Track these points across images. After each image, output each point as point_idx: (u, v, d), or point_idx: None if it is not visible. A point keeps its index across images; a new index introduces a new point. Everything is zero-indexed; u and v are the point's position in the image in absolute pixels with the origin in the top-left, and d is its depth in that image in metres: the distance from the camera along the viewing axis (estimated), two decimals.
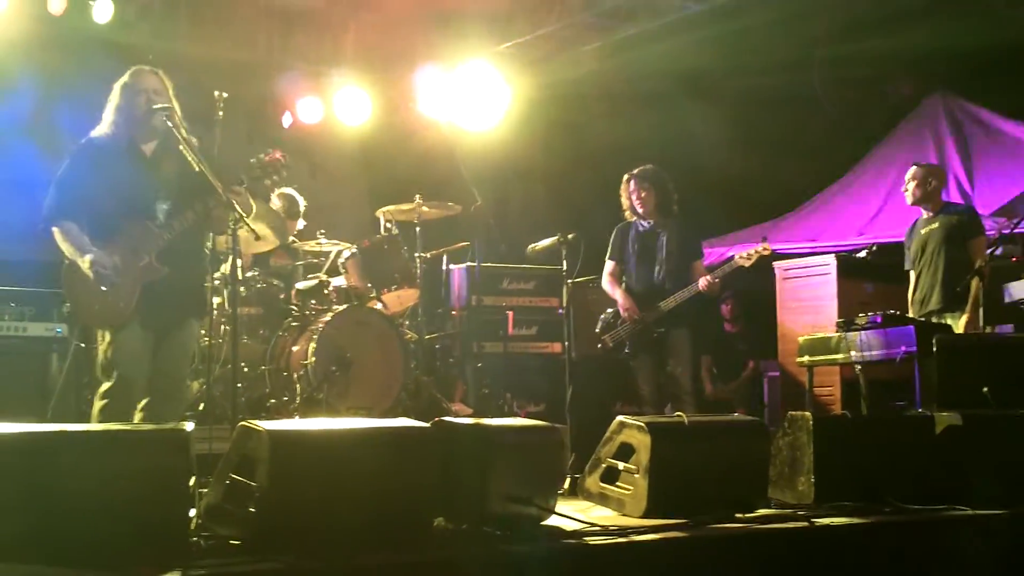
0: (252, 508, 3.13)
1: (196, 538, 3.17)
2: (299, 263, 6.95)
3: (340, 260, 6.85)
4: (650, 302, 6.26)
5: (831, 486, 4.21)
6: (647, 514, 3.88)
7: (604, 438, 4.26)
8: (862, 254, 8.17)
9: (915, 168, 6.75)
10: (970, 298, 6.11)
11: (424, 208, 7.08)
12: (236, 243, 4.71)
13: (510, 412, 7.39)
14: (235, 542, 3.15)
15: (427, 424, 3.66)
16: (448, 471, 3.50)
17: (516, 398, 7.67)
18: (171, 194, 4.61)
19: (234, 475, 3.26)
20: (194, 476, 3.23)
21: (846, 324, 6.53)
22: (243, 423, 3.36)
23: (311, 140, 9.47)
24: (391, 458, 3.39)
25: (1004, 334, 6.52)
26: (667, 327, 6.22)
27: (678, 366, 6.20)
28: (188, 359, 4.83)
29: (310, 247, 6.96)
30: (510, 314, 7.91)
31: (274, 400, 6.25)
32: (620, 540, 3.47)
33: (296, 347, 6.25)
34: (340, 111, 9.29)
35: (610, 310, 6.46)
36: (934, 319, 6.38)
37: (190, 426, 3.30)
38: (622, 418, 4.19)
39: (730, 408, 8.63)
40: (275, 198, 7.01)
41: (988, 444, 4.42)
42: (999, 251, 6.50)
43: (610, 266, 6.52)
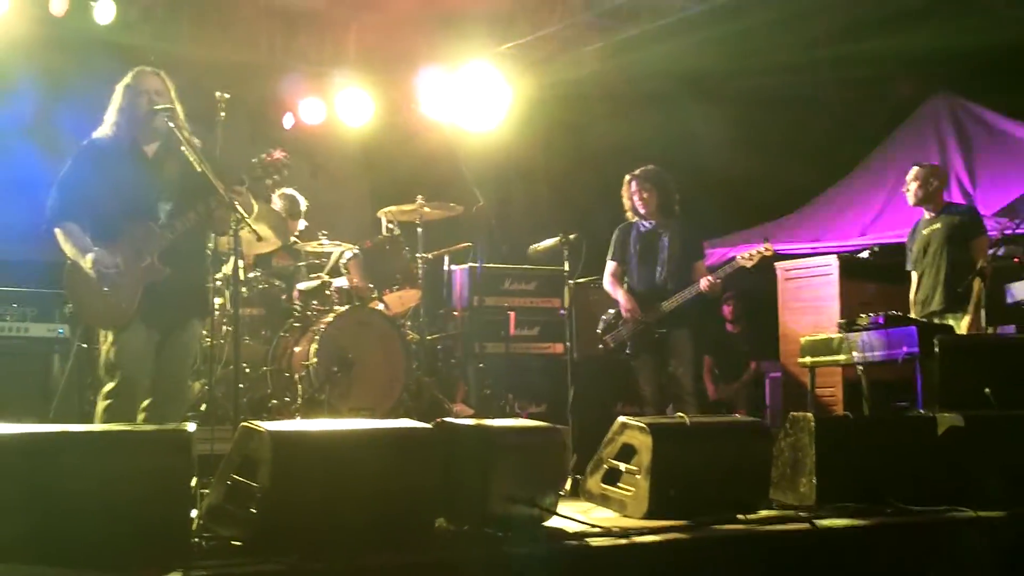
0: (254, 509, 3.14)
1: (198, 539, 3.18)
2: (301, 264, 6.94)
3: (342, 261, 6.84)
4: (652, 303, 6.26)
5: (833, 487, 4.21)
6: (649, 515, 3.88)
7: (606, 439, 4.26)
8: (864, 255, 8.16)
9: (916, 168, 6.74)
10: (972, 299, 6.10)
11: (426, 209, 7.07)
12: (238, 244, 4.71)
13: (512, 413, 7.37)
14: (237, 543, 3.15)
15: (429, 425, 3.67)
16: (450, 472, 3.51)
17: (518, 399, 7.65)
18: (173, 195, 4.61)
19: (236, 476, 3.27)
20: (196, 477, 3.24)
21: (848, 325, 6.52)
22: (245, 424, 3.36)
23: (313, 141, 9.48)
24: (393, 459, 3.40)
25: (1006, 335, 6.51)
26: (669, 328, 6.21)
27: (680, 367, 6.19)
28: (190, 360, 4.83)
29: (312, 248, 6.95)
30: (512, 315, 7.89)
31: (276, 401, 6.24)
32: (622, 541, 3.48)
33: (298, 348, 6.24)
34: (342, 112, 9.30)
35: (612, 311, 6.45)
36: (936, 320, 6.37)
37: (192, 427, 3.31)
38: (624, 419, 4.19)
39: (731, 409, 8.63)
40: (276, 198, 7.01)
41: (990, 445, 4.43)
42: (1001, 252, 6.50)
43: (612, 267, 6.51)
